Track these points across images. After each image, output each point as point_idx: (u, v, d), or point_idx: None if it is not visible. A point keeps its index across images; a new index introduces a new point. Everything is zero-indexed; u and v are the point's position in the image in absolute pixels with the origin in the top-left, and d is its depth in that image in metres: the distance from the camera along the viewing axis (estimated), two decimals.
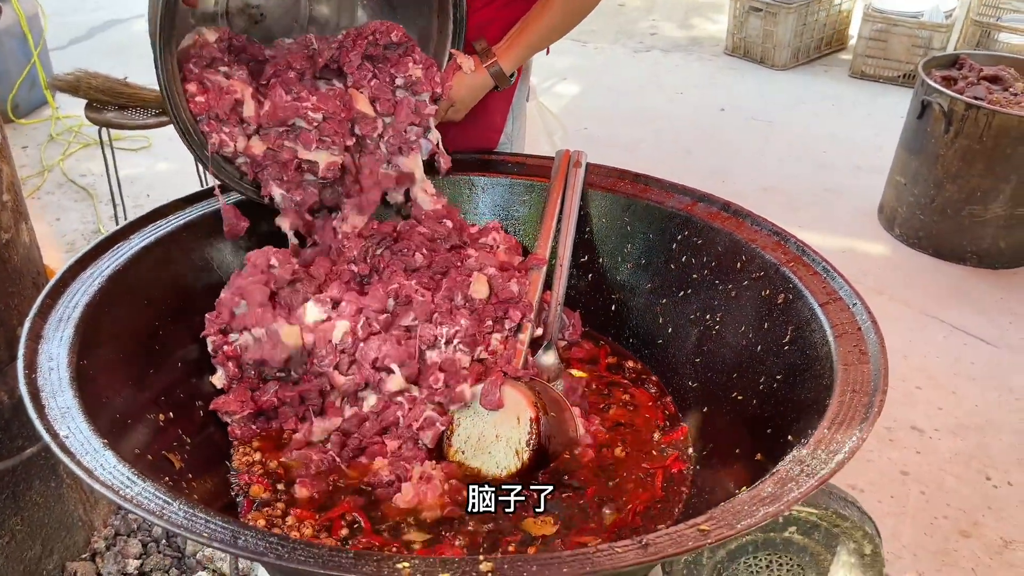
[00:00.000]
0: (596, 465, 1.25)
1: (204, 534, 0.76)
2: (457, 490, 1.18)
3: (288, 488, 1.16)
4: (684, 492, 1.23)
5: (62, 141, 3.62)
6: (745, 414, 1.24)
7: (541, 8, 1.57)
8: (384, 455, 1.23)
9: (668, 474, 1.26)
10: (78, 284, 1.17)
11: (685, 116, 4.13)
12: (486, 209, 1.59)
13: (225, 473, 1.19)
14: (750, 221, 1.43)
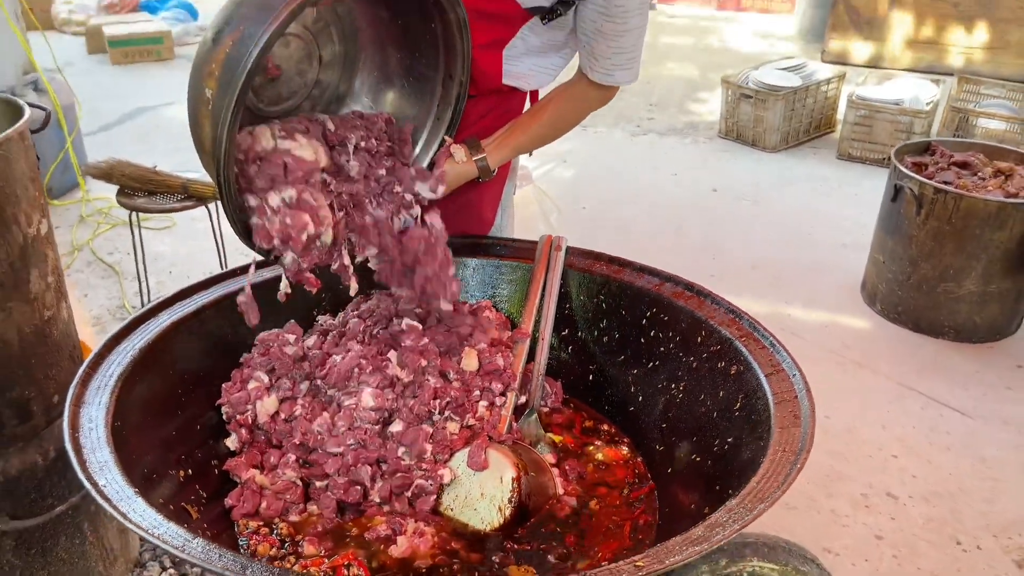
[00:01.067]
0: (572, 518, 1.39)
1: (218, 566, 0.92)
2: (446, 541, 1.32)
3: (295, 544, 1.31)
4: (648, 542, 1.37)
5: (91, 222, 3.86)
6: (701, 472, 1.39)
7: (531, 117, 1.78)
8: (382, 514, 1.38)
9: (635, 524, 1.40)
10: (114, 356, 1.34)
11: (679, 196, 4.35)
12: (476, 287, 1.77)
13: (235, 530, 1.34)
14: (710, 300, 1.59)
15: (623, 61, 1.68)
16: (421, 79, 1.61)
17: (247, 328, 1.57)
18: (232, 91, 1.15)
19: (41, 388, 1.68)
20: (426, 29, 1.52)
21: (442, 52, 1.55)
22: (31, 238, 1.61)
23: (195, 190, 2.84)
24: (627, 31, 1.64)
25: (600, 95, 1.78)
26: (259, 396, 1.45)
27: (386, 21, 1.54)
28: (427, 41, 1.54)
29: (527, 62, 1.79)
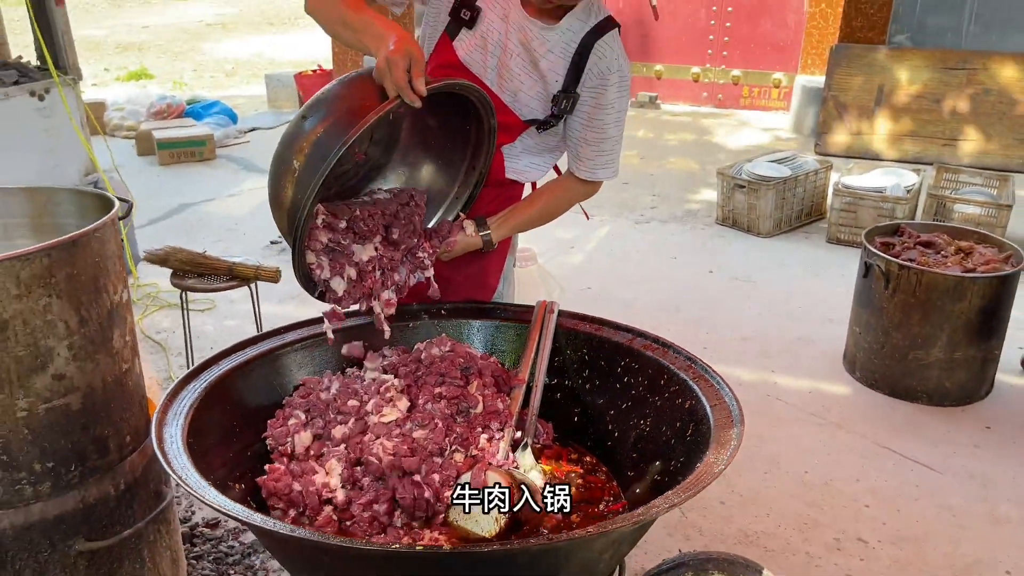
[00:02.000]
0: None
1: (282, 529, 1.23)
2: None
3: None
4: None
5: (141, 304, 4.27)
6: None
7: (528, 203, 2.16)
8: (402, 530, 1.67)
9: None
10: (186, 392, 1.69)
11: (677, 277, 4.70)
12: (480, 344, 2.11)
13: None
14: (672, 350, 1.91)
15: (604, 161, 2.08)
16: (449, 164, 2.04)
17: (286, 377, 1.92)
18: (321, 171, 1.55)
19: (117, 428, 2.01)
20: (462, 127, 1.93)
21: (471, 147, 1.97)
22: (116, 303, 1.98)
23: (239, 272, 3.23)
24: (607, 138, 2.04)
25: (585, 189, 2.17)
26: (296, 431, 1.78)
27: (429, 117, 1.96)
28: (460, 137, 1.97)
29: (525, 160, 2.18)
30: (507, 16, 1.97)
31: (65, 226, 2.13)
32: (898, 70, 6.54)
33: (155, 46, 13.44)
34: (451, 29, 2.03)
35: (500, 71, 2.01)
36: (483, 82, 2.01)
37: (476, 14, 1.97)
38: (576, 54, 1.95)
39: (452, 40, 2.03)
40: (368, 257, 1.85)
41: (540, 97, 2.02)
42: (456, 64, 2.04)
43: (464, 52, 2.02)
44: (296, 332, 1.99)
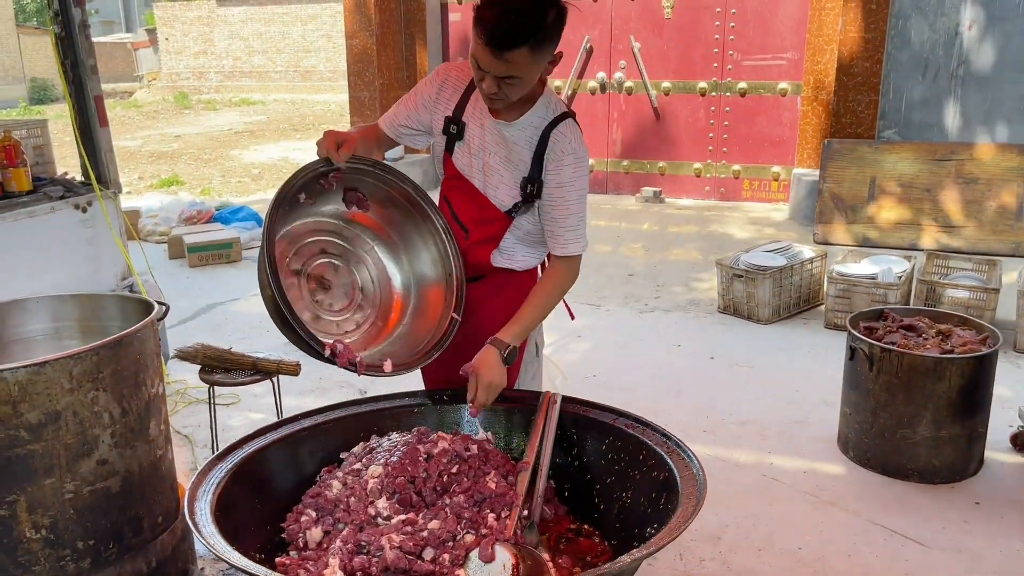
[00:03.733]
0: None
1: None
2: None
3: None
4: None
5: (170, 401, 4.52)
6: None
7: (527, 302, 2.35)
8: None
9: None
10: (214, 473, 1.91)
11: (679, 364, 4.89)
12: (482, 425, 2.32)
13: None
14: (650, 429, 2.12)
15: (572, 236, 2.34)
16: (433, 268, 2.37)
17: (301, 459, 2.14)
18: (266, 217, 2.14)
19: (150, 509, 2.23)
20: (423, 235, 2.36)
21: (440, 254, 2.30)
22: (152, 396, 2.23)
23: (262, 366, 3.48)
24: (571, 214, 2.31)
25: (567, 266, 2.38)
26: (308, 527, 1.98)
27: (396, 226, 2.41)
28: (428, 242, 2.38)
29: (520, 252, 2.45)
30: (483, 123, 2.35)
31: (110, 328, 2.41)
32: (888, 162, 6.85)
33: (186, 154, 14.16)
34: (448, 146, 2.40)
35: (485, 170, 2.38)
36: (473, 184, 2.35)
37: (462, 127, 2.37)
38: (539, 144, 2.30)
39: (451, 156, 2.37)
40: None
41: (513, 186, 2.34)
42: (455, 174, 2.39)
43: (459, 162, 2.41)
44: (311, 419, 2.22)
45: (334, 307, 2.40)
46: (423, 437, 2.16)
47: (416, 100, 2.44)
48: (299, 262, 2.34)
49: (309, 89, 22.73)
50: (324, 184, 2.28)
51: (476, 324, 2.42)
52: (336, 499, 2.00)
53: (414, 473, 2.02)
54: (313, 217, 2.37)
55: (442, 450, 2.07)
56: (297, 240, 2.34)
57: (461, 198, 2.42)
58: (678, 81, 8.52)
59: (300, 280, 2.34)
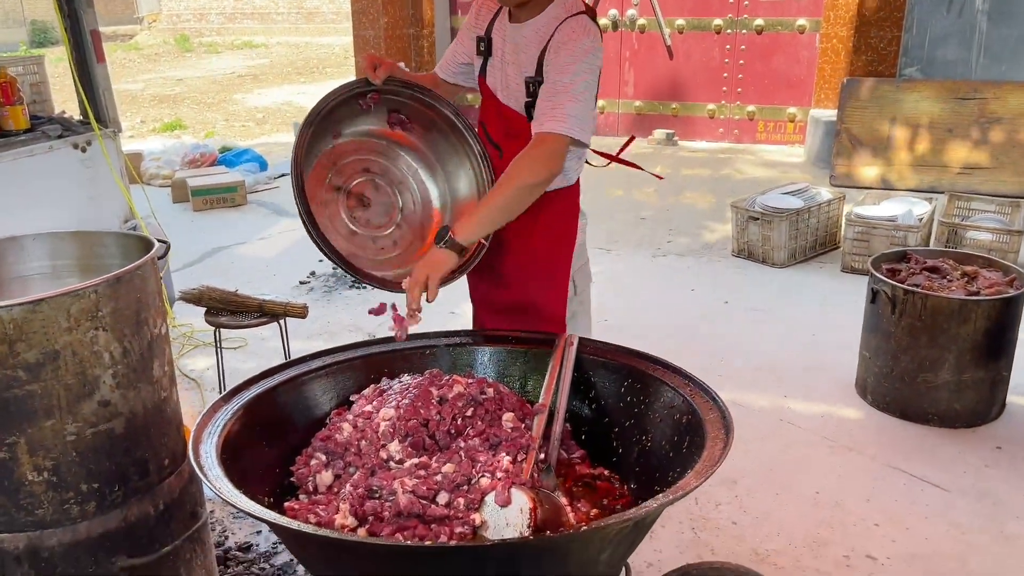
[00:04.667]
0: None
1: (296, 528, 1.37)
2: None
3: None
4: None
5: (177, 344, 4.46)
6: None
7: (494, 190, 2.16)
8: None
9: None
10: (220, 414, 1.84)
11: (693, 309, 4.80)
12: (491, 370, 2.24)
13: None
14: (671, 370, 2.03)
15: (556, 114, 2.10)
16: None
17: (310, 401, 2.06)
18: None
19: (156, 452, 2.16)
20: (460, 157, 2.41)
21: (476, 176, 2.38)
22: (155, 336, 2.15)
23: (268, 308, 3.41)
24: (558, 93, 2.11)
25: (535, 150, 2.10)
26: (318, 471, 1.91)
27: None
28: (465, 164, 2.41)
29: None
30: (504, 34, 2.28)
31: (110, 266, 2.32)
32: (909, 102, 6.65)
33: (188, 98, 13.94)
34: (482, 69, 2.37)
35: (505, 80, 2.31)
36: (497, 97, 2.27)
37: (489, 43, 2.33)
38: (547, 42, 2.17)
39: (484, 77, 2.37)
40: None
41: (522, 88, 2.25)
42: (488, 94, 2.39)
43: (489, 80, 2.37)
44: (320, 360, 2.14)
45: (372, 223, 2.43)
46: (436, 379, 2.08)
47: (463, 34, 2.43)
48: (341, 179, 2.36)
49: (313, 31, 22.26)
50: (362, 105, 2.33)
51: (517, 248, 2.33)
52: (347, 442, 1.93)
53: (427, 416, 1.94)
54: (357, 137, 2.40)
55: (457, 394, 1.99)
56: (340, 158, 2.36)
57: (491, 115, 2.36)
58: (692, 18, 8.27)
59: (340, 196, 2.36)
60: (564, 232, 2.38)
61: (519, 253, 2.31)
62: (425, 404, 1.97)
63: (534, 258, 2.29)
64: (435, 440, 1.93)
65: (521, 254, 2.29)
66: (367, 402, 2.05)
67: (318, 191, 2.31)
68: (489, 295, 2.44)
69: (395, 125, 2.43)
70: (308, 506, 1.80)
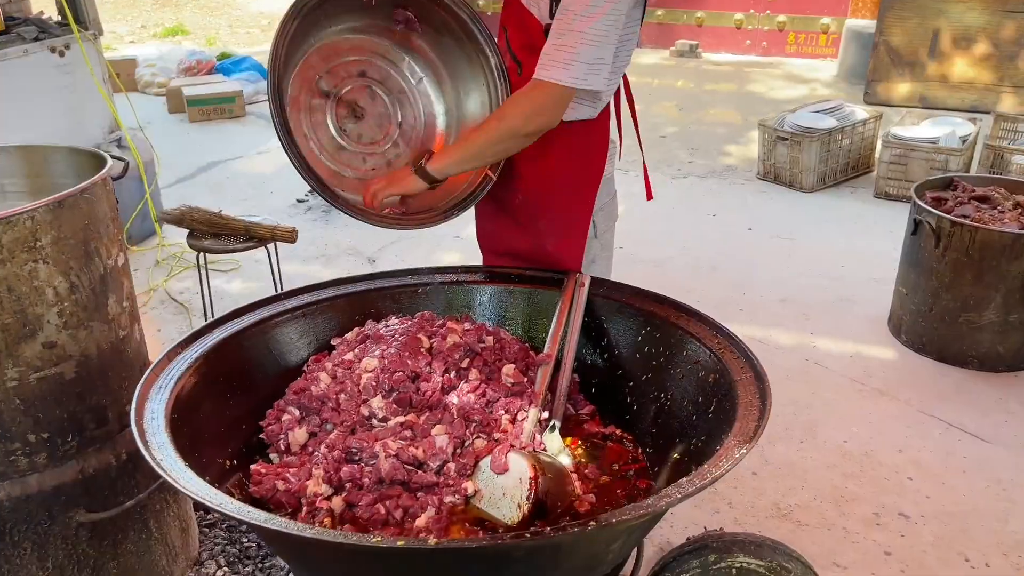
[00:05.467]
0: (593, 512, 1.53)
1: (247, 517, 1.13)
2: (474, 532, 1.50)
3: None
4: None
5: (166, 265, 4.23)
6: (679, 469, 1.55)
7: (480, 128, 1.87)
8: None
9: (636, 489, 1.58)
10: (173, 365, 1.59)
11: (714, 236, 4.50)
12: (490, 311, 1.98)
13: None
14: (696, 318, 1.76)
15: (561, 58, 1.73)
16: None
17: (284, 346, 1.81)
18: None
19: (116, 397, 1.94)
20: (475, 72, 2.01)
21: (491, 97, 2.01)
22: (110, 268, 1.89)
23: (256, 232, 3.14)
24: (569, 31, 1.72)
25: (529, 95, 1.81)
26: (291, 427, 1.67)
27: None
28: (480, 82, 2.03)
29: None
30: None
31: (61, 186, 2.04)
32: (954, 12, 6.14)
33: (191, 2, 13.36)
34: None
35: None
36: (530, 11, 1.89)
37: None
38: None
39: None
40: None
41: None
42: (512, 2, 1.96)
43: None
44: (297, 298, 1.88)
45: (363, 139, 2.05)
46: (427, 324, 1.82)
47: None
48: (331, 82, 1.98)
49: None
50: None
51: (531, 184, 2.02)
52: (324, 396, 1.68)
53: (415, 368, 1.69)
54: (357, 34, 2.01)
55: (452, 344, 1.73)
56: (333, 56, 1.98)
57: (513, 21, 1.97)
58: None
59: (329, 104, 1.98)
60: (587, 169, 2.04)
61: (533, 191, 2.00)
62: (413, 354, 1.71)
63: (551, 199, 1.98)
64: (423, 396, 1.68)
65: (536, 192, 1.99)
66: (348, 349, 1.80)
67: (302, 94, 1.94)
68: (498, 238, 2.14)
69: (401, 23, 2.04)
70: (277, 470, 1.58)
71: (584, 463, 1.68)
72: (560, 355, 1.82)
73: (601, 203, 2.10)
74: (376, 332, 1.81)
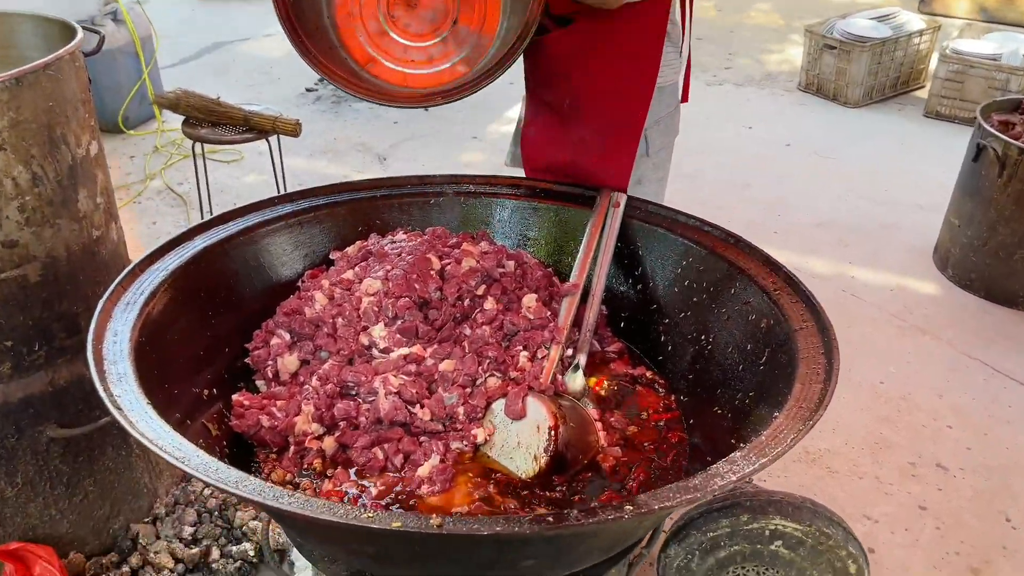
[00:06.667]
0: (616, 471, 1.34)
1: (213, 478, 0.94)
2: (483, 485, 1.32)
3: (319, 476, 1.32)
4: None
5: (165, 152, 3.97)
6: (720, 427, 1.35)
7: None
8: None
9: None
10: (146, 276, 1.37)
11: (750, 149, 4.20)
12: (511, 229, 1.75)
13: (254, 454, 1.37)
14: (747, 250, 1.53)
15: None
16: None
17: (276, 258, 1.59)
18: None
19: (89, 304, 1.74)
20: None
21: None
22: (80, 158, 1.66)
23: (256, 123, 2.88)
24: None
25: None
26: (280, 353, 1.47)
27: None
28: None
29: None
30: None
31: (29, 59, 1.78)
32: None
33: None
34: None
35: None
36: None
37: None
38: None
39: None
40: None
41: None
42: None
43: None
44: (292, 204, 1.65)
45: (410, 29, 1.73)
46: (439, 242, 1.60)
47: None
48: None
49: None
50: None
51: (579, 86, 1.73)
52: (318, 319, 1.48)
53: (423, 293, 1.47)
54: None
55: (468, 269, 1.51)
56: None
57: None
58: None
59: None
60: (641, 62, 1.75)
61: (581, 92, 1.73)
62: (422, 277, 1.49)
63: (598, 103, 1.71)
64: (432, 325, 1.47)
65: (584, 94, 1.72)
66: (348, 266, 1.59)
67: None
68: (540, 149, 1.86)
69: None
70: (261, 402, 1.39)
71: (609, 408, 1.49)
72: (588, 285, 1.60)
73: (657, 115, 1.83)
74: (380, 249, 1.59)
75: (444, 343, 1.46)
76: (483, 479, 1.33)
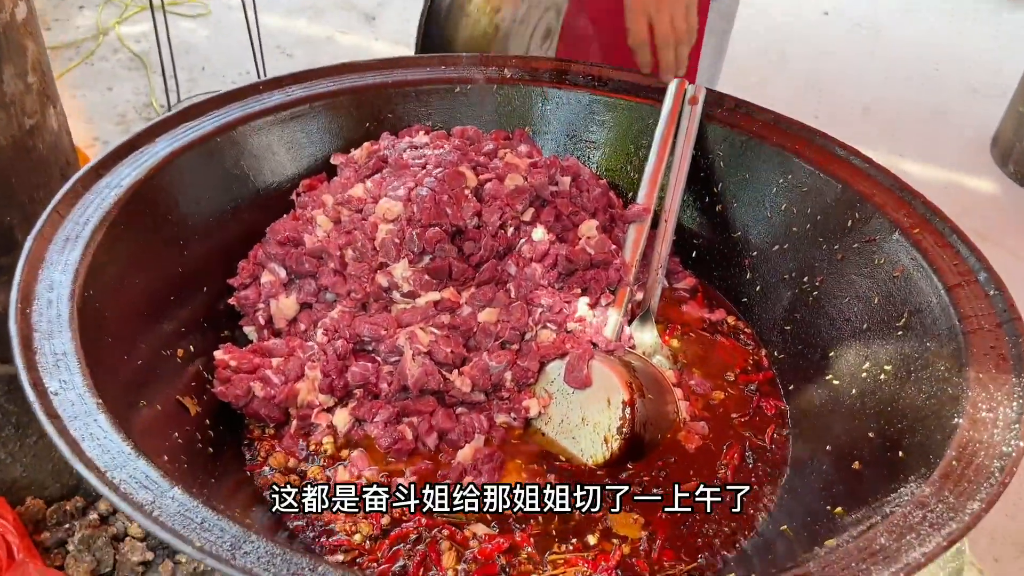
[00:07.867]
0: (702, 453, 1.07)
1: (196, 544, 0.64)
2: (539, 473, 1.03)
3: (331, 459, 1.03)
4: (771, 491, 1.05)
5: (119, 5, 3.45)
6: (840, 404, 1.07)
7: None
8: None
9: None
10: (92, 196, 1.03)
11: (783, 19, 3.77)
12: (557, 127, 1.40)
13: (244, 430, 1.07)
14: (871, 170, 1.21)
15: None
16: None
17: (261, 163, 1.24)
18: None
19: (26, 213, 1.39)
20: None
21: None
22: (2, 25, 1.27)
23: None
24: None
25: None
26: (273, 294, 1.14)
27: None
28: None
29: None
30: None
31: None
32: None
33: None
34: None
35: None
36: None
37: None
38: None
39: None
40: None
41: None
42: None
43: None
44: (282, 91, 1.28)
45: None
46: (472, 149, 1.25)
47: None
48: None
49: None
50: None
51: None
52: (322, 249, 1.14)
53: (457, 220, 1.14)
54: None
55: (515, 188, 1.17)
56: None
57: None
58: None
59: None
60: None
61: None
62: (455, 197, 1.15)
63: None
64: (468, 262, 1.15)
65: None
66: (357, 177, 1.24)
67: None
68: (580, 26, 1.49)
69: None
70: (253, 361, 1.08)
71: (686, 368, 1.20)
72: (659, 206, 1.28)
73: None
74: (398, 157, 1.23)
75: (484, 286, 1.14)
76: (538, 466, 1.05)
